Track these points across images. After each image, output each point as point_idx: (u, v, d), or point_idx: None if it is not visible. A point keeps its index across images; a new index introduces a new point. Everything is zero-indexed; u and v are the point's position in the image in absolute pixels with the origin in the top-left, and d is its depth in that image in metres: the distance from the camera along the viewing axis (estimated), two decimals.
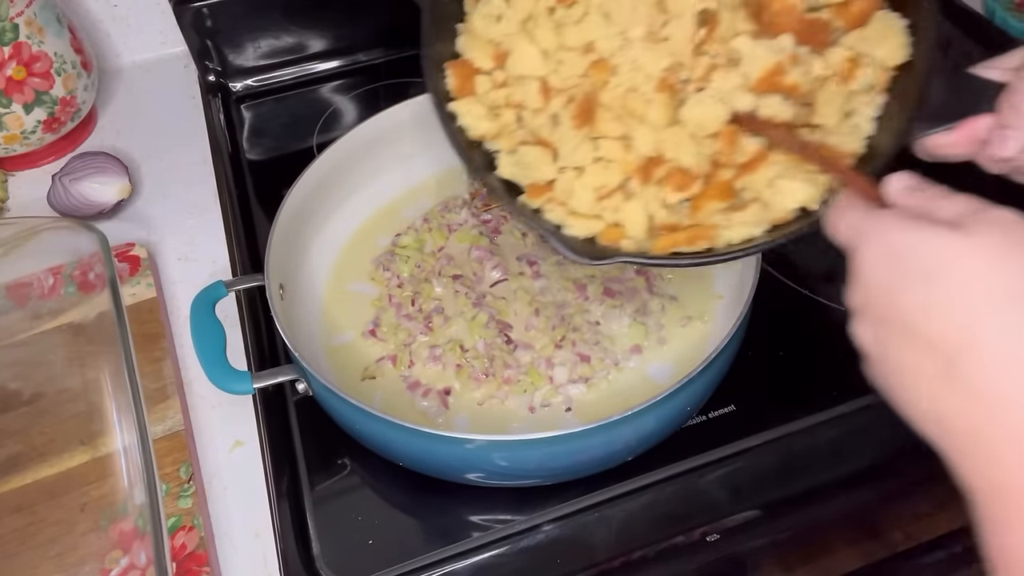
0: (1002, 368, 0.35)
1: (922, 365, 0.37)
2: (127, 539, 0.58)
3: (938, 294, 0.36)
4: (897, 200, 0.42)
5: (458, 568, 0.59)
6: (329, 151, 0.73)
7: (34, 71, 0.81)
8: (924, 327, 0.37)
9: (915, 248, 0.37)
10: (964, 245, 0.36)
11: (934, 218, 0.39)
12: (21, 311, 0.71)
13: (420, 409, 0.65)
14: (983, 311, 0.35)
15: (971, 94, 0.51)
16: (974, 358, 0.35)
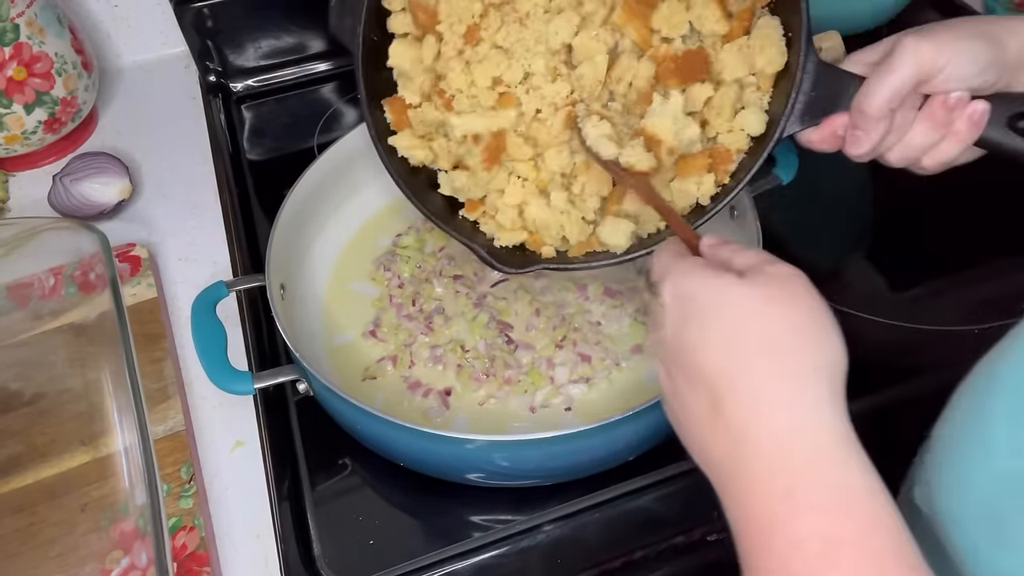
0: (754, 412, 0.37)
1: (699, 403, 0.39)
2: (128, 539, 0.58)
3: (712, 336, 0.39)
4: (705, 252, 0.45)
5: (458, 568, 0.59)
6: (330, 151, 0.74)
7: (35, 71, 0.81)
8: (700, 366, 0.39)
9: (699, 292, 0.40)
10: (740, 293, 0.39)
11: (728, 267, 0.42)
12: (22, 311, 0.71)
13: (421, 409, 0.65)
14: (748, 356, 0.38)
15: (835, 90, 0.53)
16: (735, 400, 0.38)
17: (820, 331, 0.39)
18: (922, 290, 0.73)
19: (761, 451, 0.36)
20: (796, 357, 0.38)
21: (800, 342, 0.38)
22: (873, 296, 0.72)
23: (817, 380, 0.38)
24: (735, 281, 0.40)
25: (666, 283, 0.42)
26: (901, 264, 0.75)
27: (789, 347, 0.38)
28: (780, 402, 0.37)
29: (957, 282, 0.73)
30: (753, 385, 0.37)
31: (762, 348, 0.38)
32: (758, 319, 0.38)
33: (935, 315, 0.70)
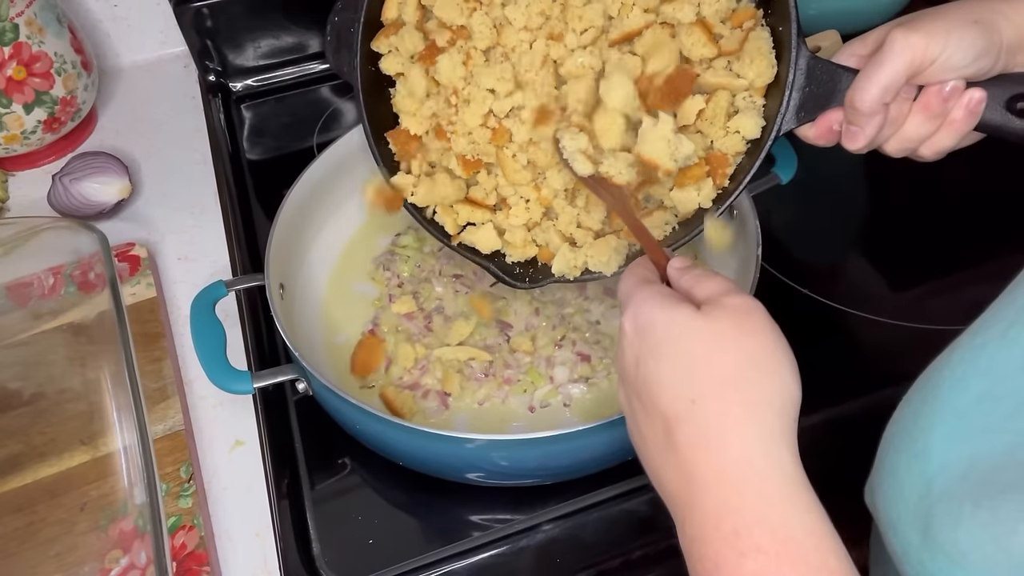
0: (704, 450, 0.37)
1: (654, 434, 0.40)
2: (127, 539, 0.58)
3: (666, 369, 0.39)
4: (671, 276, 0.46)
5: (458, 568, 0.59)
6: (329, 151, 0.74)
7: (34, 71, 0.81)
8: (655, 398, 0.39)
9: (656, 323, 0.40)
10: (695, 327, 0.39)
11: (690, 298, 0.42)
12: (21, 311, 0.71)
13: (420, 409, 0.65)
14: (699, 392, 0.38)
15: (829, 85, 0.54)
16: (685, 436, 0.38)
17: (774, 366, 0.39)
18: (922, 289, 0.73)
19: (710, 490, 0.37)
20: (748, 393, 0.38)
21: (753, 378, 0.38)
22: (873, 296, 0.72)
23: (769, 416, 0.38)
24: (692, 314, 0.40)
25: (627, 309, 0.43)
26: (901, 263, 0.75)
27: (741, 383, 0.38)
28: (729, 440, 0.37)
29: (957, 282, 0.73)
30: (704, 422, 0.37)
31: (713, 384, 0.38)
32: (712, 354, 0.39)
33: (935, 315, 0.70)
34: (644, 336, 0.41)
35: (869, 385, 0.66)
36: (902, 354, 0.68)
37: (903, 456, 0.41)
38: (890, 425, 0.44)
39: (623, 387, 0.43)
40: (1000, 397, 0.37)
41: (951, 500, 0.36)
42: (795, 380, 0.40)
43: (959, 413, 0.38)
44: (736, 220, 0.69)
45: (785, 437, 0.38)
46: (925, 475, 0.39)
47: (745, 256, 0.67)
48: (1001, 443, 0.36)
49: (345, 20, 0.64)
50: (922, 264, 0.75)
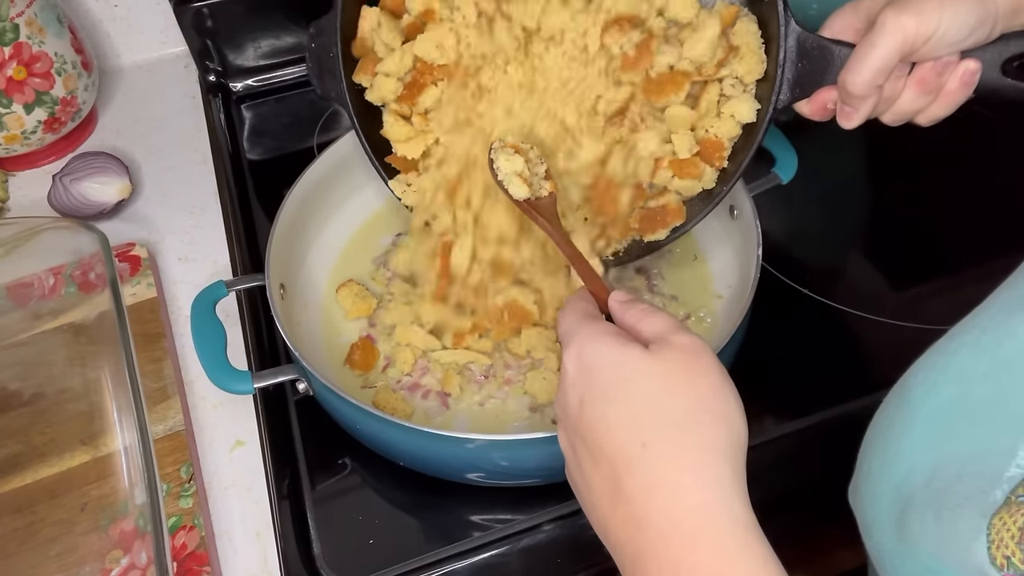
0: (655, 497, 0.36)
1: (601, 480, 0.38)
2: (127, 539, 0.58)
3: (614, 413, 0.38)
4: (614, 310, 0.44)
5: (458, 568, 0.59)
6: (329, 151, 0.74)
7: (34, 71, 0.81)
8: (602, 444, 0.38)
9: (603, 364, 0.39)
10: (644, 369, 0.38)
11: (636, 334, 0.41)
12: (22, 311, 0.71)
13: (421, 409, 0.65)
14: (649, 437, 0.36)
15: (821, 62, 0.54)
16: (635, 482, 0.36)
17: (723, 409, 0.38)
18: (922, 289, 0.73)
19: (664, 540, 0.35)
20: (700, 437, 0.36)
21: (704, 421, 0.37)
22: (873, 295, 0.72)
23: (719, 461, 0.36)
24: (640, 355, 0.38)
25: (571, 347, 0.41)
26: (901, 263, 0.75)
27: (693, 427, 0.37)
28: (681, 487, 0.36)
29: (957, 282, 0.73)
30: (654, 468, 0.36)
31: (665, 430, 0.37)
32: (661, 398, 0.37)
33: (935, 315, 0.70)
34: (590, 377, 0.39)
35: (869, 385, 0.65)
36: (902, 354, 0.67)
37: (877, 460, 0.41)
38: (869, 428, 0.44)
39: (564, 429, 0.42)
40: (967, 403, 0.36)
41: (919, 507, 0.36)
42: (743, 422, 0.38)
43: (930, 418, 0.38)
44: (736, 219, 0.69)
45: (736, 483, 0.37)
46: (895, 480, 0.38)
47: (745, 256, 0.67)
48: (962, 451, 0.35)
49: (322, 45, 0.64)
50: (922, 264, 0.75)
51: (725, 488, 0.36)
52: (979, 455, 0.35)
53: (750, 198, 0.66)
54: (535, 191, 0.57)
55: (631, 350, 0.39)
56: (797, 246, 0.77)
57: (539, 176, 0.59)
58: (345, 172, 0.75)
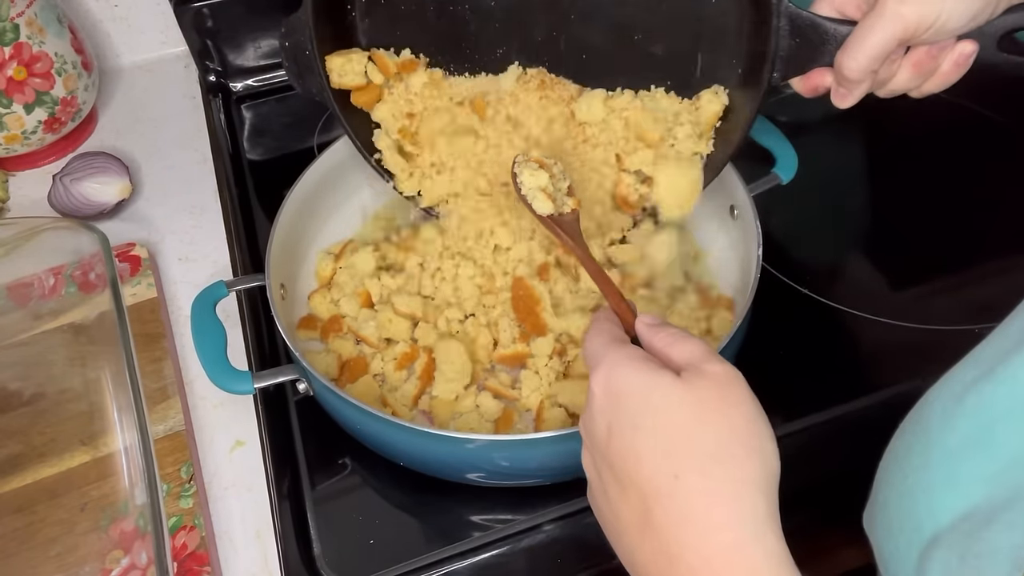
0: (687, 532, 0.35)
1: (630, 510, 0.37)
2: (128, 539, 0.58)
3: (646, 443, 0.36)
4: (642, 333, 0.43)
5: (458, 568, 0.59)
6: (329, 151, 0.74)
7: (35, 71, 0.81)
8: (632, 473, 0.37)
9: (634, 391, 0.38)
10: (677, 398, 0.37)
11: (666, 361, 0.39)
12: (22, 311, 0.71)
13: (421, 408, 0.65)
14: (682, 469, 0.35)
15: (817, 40, 0.54)
16: (667, 515, 0.35)
17: (757, 441, 0.37)
18: (922, 289, 0.73)
19: (693, 570, 0.34)
20: (733, 471, 0.35)
21: (738, 454, 0.36)
22: (873, 295, 0.72)
23: (754, 495, 0.35)
24: (672, 383, 0.37)
25: (599, 371, 0.39)
26: (901, 263, 0.75)
27: (726, 459, 0.36)
28: (715, 522, 0.35)
29: (957, 281, 0.73)
30: (686, 501, 0.35)
31: (698, 461, 0.35)
32: (695, 428, 0.36)
33: (935, 314, 0.70)
34: (619, 403, 0.38)
35: (869, 385, 0.66)
36: (902, 354, 0.68)
37: (894, 492, 0.40)
38: (885, 454, 0.43)
39: (590, 454, 0.40)
40: (992, 444, 0.35)
41: (941, 547, 0.35)
42: (776, 455, 0.37)
43: (949, 454, 0.37)
44: (736, 219, 0.69)
45: (771, 518, 0.35)
46: (915, 516, 0.37)
47: (745, 256, 0.67)
48: (992, 495, 0.34)
49: (296, 43, 0.63)
50: (922, 264, 0.75)
51: (759, 523, 0.35)
52: (1013, 502, 0.33)
53: (750, 198, 0.66)
54: (559, 207, 0.57)
55: (662, 377, 0.38)
56: (797, 246, 0.77)
57: (562, 192, 0.59)
58: (345, 172, 0.75)
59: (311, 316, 0.69)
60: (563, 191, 0.59)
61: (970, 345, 0.70)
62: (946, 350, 0.66)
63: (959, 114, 0.88)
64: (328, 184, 0.74)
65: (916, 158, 0.85)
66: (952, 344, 0.68)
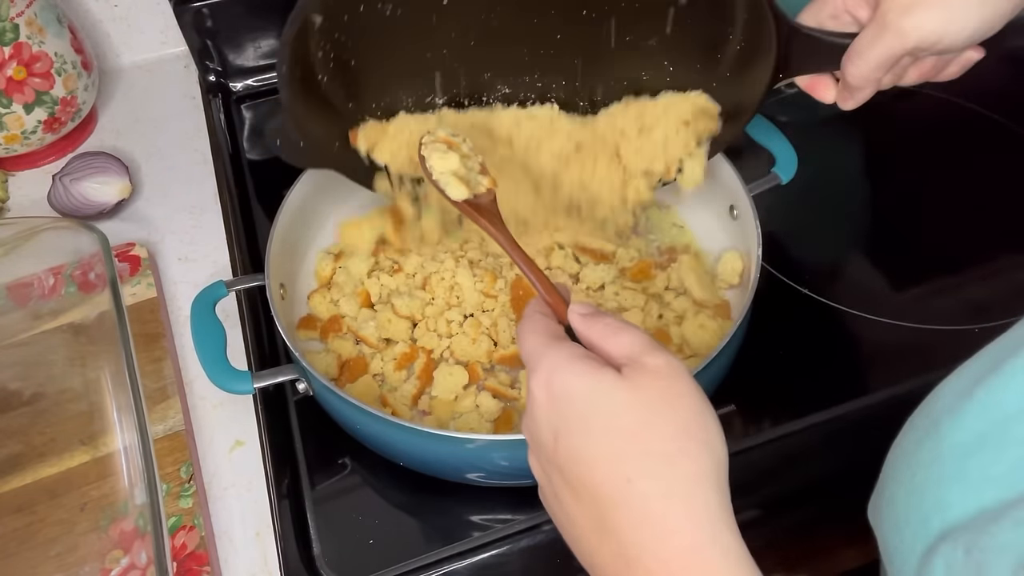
0: (644, 535, 0.34)
1: (585, 515, 0.37)
2: (127, 539, 0.58)
3: (595, 448, 0.36)
4: (575, 324, 0.41)
5: (458, 568, 0.59)
6: None
7: (34, 71, 0.81)
8: (584, 479, 0.36)
9: (578, 393, 0.37)
10: (623, 398, 0.36)
11: (604, 355, 0.39)
12: (22, 311, 0.71)
13: (421, 408, 0.65)
14: (633, 469, 0.35)
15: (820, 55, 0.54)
16: (622, 519, 0.35)
17: (706, 434, 0.36)
18: (923, 289, 0.73)
19: (651, 571, 0.34)
20: (685, 467, 0.35)
21: (689, 449, 0.35)
22: (873, 295, 0.72)
23: (707, 492, 0.35)
24: (614, 383, 0.36)
25: (538, 373, 0.38)
26: (901, 263, 0.75)
27: (677, 457, 0.35)
28: (671, 526, 0.34)
29: (957, 282, 0.73)
30: (642, 503, 0.34)
31: (649, 460, 0.35)
32: (642, 429, 0.35)
33: (935, 315, 0.70)
34: (563, 407, 0.37)
35: (869, 385, 0.66)
36: (902, 354, 0.68)
37: (903, 487, 0.40)
38: (893, 448, 0.42)
39: (537, 459, 0.39)
40: (1002, 444, 0.35)
41: (947, 542, 0.35)
42: (724, 443, 0.36)
43: (959, 452, 0.36)
44: (736, 219, 0.69)
45: (725, 513, 0.35)
46: (922, 511, 0.37)
47: (745, 256, 0.67)
48: (1008, 494, 0.34)
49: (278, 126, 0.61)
50: (922, 264, 0.75)
51: (714, 521, 0.34)
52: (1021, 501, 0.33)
53: (750, 198, 0.66)
54: (473, 188, 0.53)
55: (604, 377, 0.37)
56: (797, 246, 0.77)
57: (475, 171, 0.55)
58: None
59: (311, 316, 0.69)
60: (475, 170, 0.55)
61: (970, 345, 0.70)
62: (946, 350, 0.67)
63: (959, 114, 0.88)
64: (328, 184, 0.74)
65: (916, 158, 0.85)
66: (952, 344, 0.68)
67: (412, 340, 0.66)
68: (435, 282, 0.67)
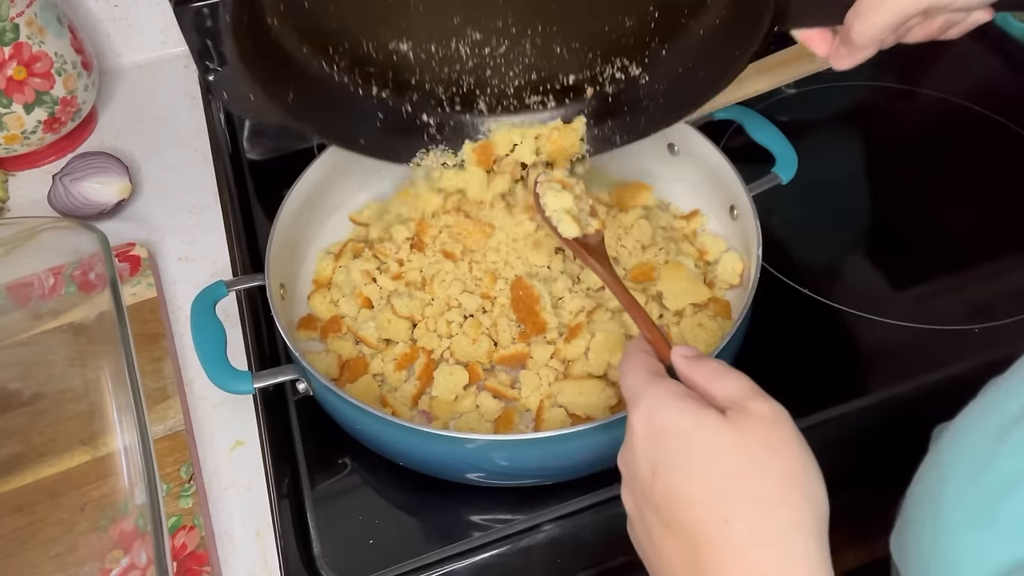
0: (735, 572, 0.34)
1: (676, 551, 0.36)
2: (127, 539, 0.58)
3: (695, 486, 0.36)
4: (679, 367, 0.41)
5: (458, 568, 0.59)
6: (329, 151, 0.73)
7: (35, 71, 0.81)
8: (680, 516, 0.36)
9: (680, 431, 0.37)
10: (724, 439, 0.36)
11: (707, 396, 0.38)
12: (22, 311, 0.71)
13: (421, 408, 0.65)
14: (732, 510, 0.35)
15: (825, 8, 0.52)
16: (716, 556, 0.35)
17: (806, 482, 0.36)
18: (922, 289, 0.73)
19: None
20: (783, 515, 0.34)
21: (789, 498, 0.35)
22: (873, 295, 0.72)
23: (806, 540, 0.34)
24: (719, 423, 0.36)
25: (639, 407, 0.38)
26: (901, 263, 0.75)
27: (777, 504, 0.35)
28: (763, 567, 0.34)
29: (957, 282, 0.73)
30: (738, 546, 0.34)
31: (748, 504, 0.35)
32: (743, 472, 0.35)
33: (935, 315, 0.70)
34: (664, 443, 0.37)
35: (869, 385, 0.66)
36: (902, 354, 0.68)
37: (927, 528, 0.39)
38: (915, 482, 0.42)
39: (631, 494, 0.39)
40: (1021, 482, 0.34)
41: None
42: (825, 496, 0.36)
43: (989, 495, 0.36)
44: (736, 219, 0.69)
45: (823, 559, 0.34)
46: (952, 557, 0.36)
47: (745, 256, 0.67)
48: None
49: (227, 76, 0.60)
50: (922, 264, 0.75)
51: (812, 568, 0.34)
52: None
53: (750, 198, 0.66)
54: (583, 228, 0.56)
55: (708, 417, 0.36)
56: (797, 246, 0.77)
57: (585, 212, 0.58)
58: (345, 172, 0.75)
59: (311, 316, 0.69)
60: (586, 211, 0.58)
61: (970, 345, 0.70)
62: (946, 350, 0.67)
63: (959, 114, 0.88)
64: (328, 184, 0.74)
65: (916, 158, 0.85)
66: (952, 344, 0.68)
67: (412, 340, 0.66)
68: (435, 283, 0.67)
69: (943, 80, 0.92)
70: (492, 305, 0.66)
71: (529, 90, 0.64)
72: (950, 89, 0.90)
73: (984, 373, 0.43)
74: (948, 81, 0.91)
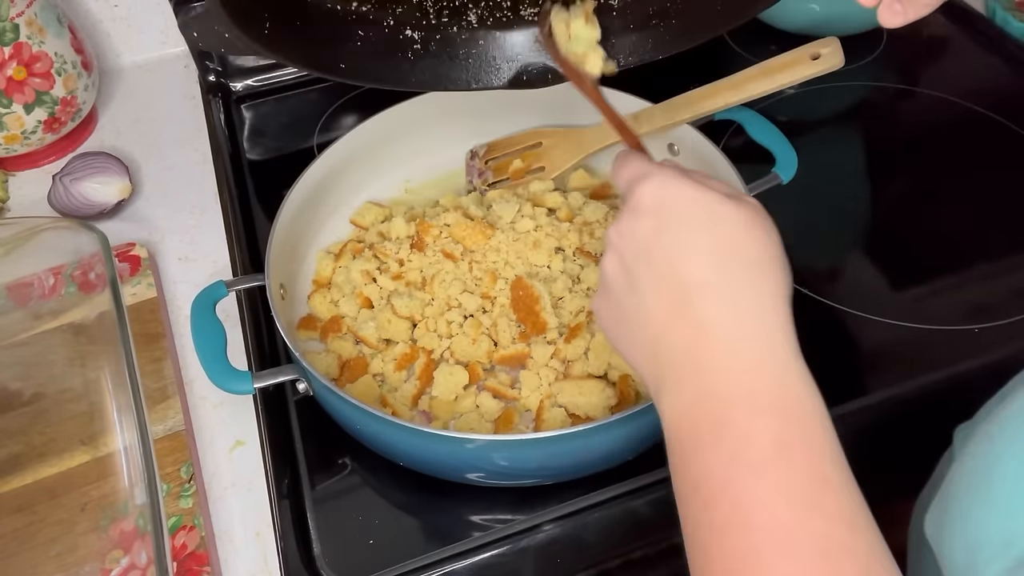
0: (733, 315, 0.38)
1: (660, 299, 0.40)
2: (128, 539, 0.58)
3: (701, 242, 0.40)
4: None
5: (458, 568, 0.59)
6: (329, 151, 0.74)
7: (34, 71, 0.81)
8: (678, 267, 0.40)
9: (688, 199, 0.41)
10: (730, 210, 0.40)
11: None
12: (22, 311, 0.71)
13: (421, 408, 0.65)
14: (731, 266, 0.39)
15: None
16: (708, 298, 0.39)
17: (784, 260, 0.41)
18: (922, 289, 0.73)
19: (735, 350, 0.38)
20: (772, 280, 0.40)
21: (776, 268, 0.40)
22: (873, 295, 0.72)
23: (785, 303, 0.40)
24: (725, 199, 0.41)
25: (651, 180, 0.42)
26: (901, 263, 0.75)
27: (768, 271, 0.40)
28: (759, 314, 0.39)
29: (957, 282, 0.73)
30: (737, 291, 0.39)
31: (746, 264, 0.39)
32: (744, 238, 0.40)
33: (936, 315, 0.70)
34: (673, 207, 0.41)
35: (869, 385, 0.66)
36: (902, 354, 0.68)
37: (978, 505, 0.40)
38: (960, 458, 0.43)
39: (618, 255, 0.43)
40: None
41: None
42: None
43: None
44: None
45: (791, 323, 0.40)
46: (1006, 530, 0.37)
47: None
48: None
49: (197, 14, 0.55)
50: (922, 264, 0.75)
51: (787, 324, 0.39)
52: None
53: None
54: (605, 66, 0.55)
55: (715, 192, 0.41)
56: (797, 246, 0.76)
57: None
58: (345, 172, 0.75)
59: (311, 316, 0.69)
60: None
61: (970, 345, 0.70)
62: (946, 350, 0.67)
63: (959, 114, 0.88)
64: (328, 184, 0.74)
65: (916, 158, 0.85)
66: (952, 344, 0.68)
67: (412, 340, 0.66)
68: (435, 283, 0.67)
69: (943, 80, 0.92)
70: (492, 305, 0.66)
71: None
72: (950, 89, 0.90)
73: (984, 373, 0.43)
74: (948, 81, 0.91)
